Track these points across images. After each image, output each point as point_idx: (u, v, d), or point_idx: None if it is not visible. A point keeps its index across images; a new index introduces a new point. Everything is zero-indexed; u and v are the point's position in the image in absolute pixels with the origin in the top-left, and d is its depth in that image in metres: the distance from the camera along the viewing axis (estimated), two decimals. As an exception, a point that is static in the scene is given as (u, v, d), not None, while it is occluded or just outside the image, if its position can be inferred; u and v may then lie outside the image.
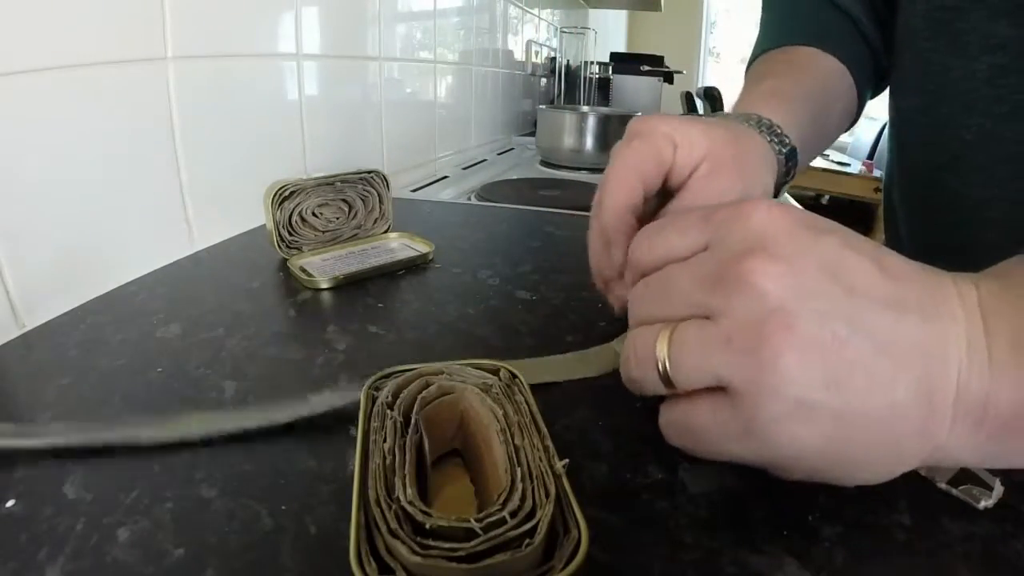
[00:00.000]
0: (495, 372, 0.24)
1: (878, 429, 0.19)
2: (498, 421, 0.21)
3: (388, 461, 0.19)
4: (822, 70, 0.45)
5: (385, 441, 0.20)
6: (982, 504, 0.22)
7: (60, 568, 0.18)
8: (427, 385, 0.23)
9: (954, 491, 0.22)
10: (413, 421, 0.21)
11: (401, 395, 0.22)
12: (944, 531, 0.21)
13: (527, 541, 0.17)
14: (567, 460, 0.19)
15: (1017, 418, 0.18)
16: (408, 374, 0.23)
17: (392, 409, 0.21)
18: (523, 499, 0.18)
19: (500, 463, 0.20)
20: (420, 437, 0.21)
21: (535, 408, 0.22)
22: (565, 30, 1.75)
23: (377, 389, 0.23)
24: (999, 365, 0.18)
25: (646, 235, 0.24)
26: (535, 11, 1.49)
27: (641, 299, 0.23)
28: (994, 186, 0.40)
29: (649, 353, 0.21)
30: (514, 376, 0.24)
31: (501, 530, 0.17)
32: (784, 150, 0.35)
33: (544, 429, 0.21)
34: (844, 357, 0.18)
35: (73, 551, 0.19)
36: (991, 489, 0.22)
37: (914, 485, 0.23)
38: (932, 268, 0.20)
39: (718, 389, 0.20)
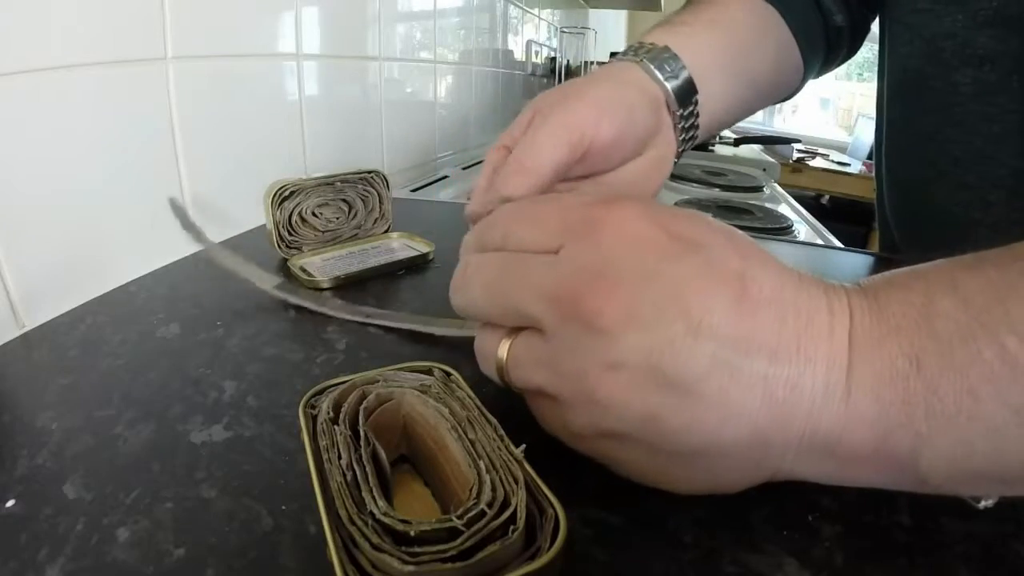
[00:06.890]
0: (429, 372, 0.24)
1: (699, 463, 0.19)
2: (446, 419, 0.21)
3: (350, 477, 0.18)
4: (750, 9, 0.41)
5: (340, 458, 0.19)
6: (982, 504, 0.22)
7: (60, 568, 0.18)
8: (365, 396, 0.22)
9: (954, 491, 0.22)
10: (362, 433, 0.20)
11: (342, 409, 0.21)
12: (944, 531, 0.21)
13: (512, 527, 0.17)
14: (524, 445, 0.19)
15: (875, 453, 0.18)
16: (343, 387, 0.23)
17: (338, 424, 0.21)
18: (494, 489, 0.18)
19: (461, 459, 0.20)
20: (373, 448, 0.20)
21: (478, 401, 0.22)
22: (565, 30, 1.75)
23: (313, 407, 0.22)
24: (857, 407, 0.18)
25: (506, 217, 0.24)
26: (535, 11, 1.49)
27: (485, 283, 0.23)
28: (984, 209, 0.39)
29: (491, 354, 0.23)
30: (448, 374, 0.24)
31: (483, 522, 0.17)
32: (669, 68, 0.33)
33: (494, 420, 0.21)
34: (668, 397, 0.18)
35: (73, 551, 0.19)
36: (991, 489, 0.22)
37: (914, 485, 0.23)
38: (812, 290, 0.19)
39: None
